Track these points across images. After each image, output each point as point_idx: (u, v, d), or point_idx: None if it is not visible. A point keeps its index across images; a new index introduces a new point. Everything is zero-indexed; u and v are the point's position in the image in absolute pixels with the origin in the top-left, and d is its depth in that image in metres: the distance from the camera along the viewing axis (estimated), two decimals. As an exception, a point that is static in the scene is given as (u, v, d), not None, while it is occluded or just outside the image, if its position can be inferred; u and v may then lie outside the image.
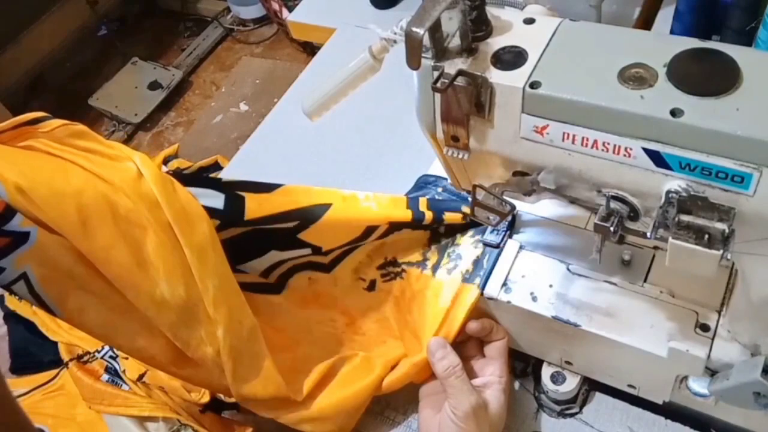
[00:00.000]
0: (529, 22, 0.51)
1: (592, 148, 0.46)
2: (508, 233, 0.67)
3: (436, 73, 0.49)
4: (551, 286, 0.62)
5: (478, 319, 0.64)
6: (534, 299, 0.62)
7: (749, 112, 0.41)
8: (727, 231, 0.43)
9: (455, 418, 0.59)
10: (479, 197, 0.57)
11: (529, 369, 0.70)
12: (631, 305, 0.60)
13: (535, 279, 0.63)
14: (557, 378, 0.65)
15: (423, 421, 0.64)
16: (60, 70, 2.38)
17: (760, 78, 0.42)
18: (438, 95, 0.51)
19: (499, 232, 0.66)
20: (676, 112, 0.42)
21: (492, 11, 0.51)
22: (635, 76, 0.44)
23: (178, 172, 1.19)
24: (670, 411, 0.64)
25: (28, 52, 2.23)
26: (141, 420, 0.76)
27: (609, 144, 0.45)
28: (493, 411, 0.61)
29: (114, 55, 2.38)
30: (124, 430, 0.76)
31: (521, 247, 0.66)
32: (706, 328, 0.56)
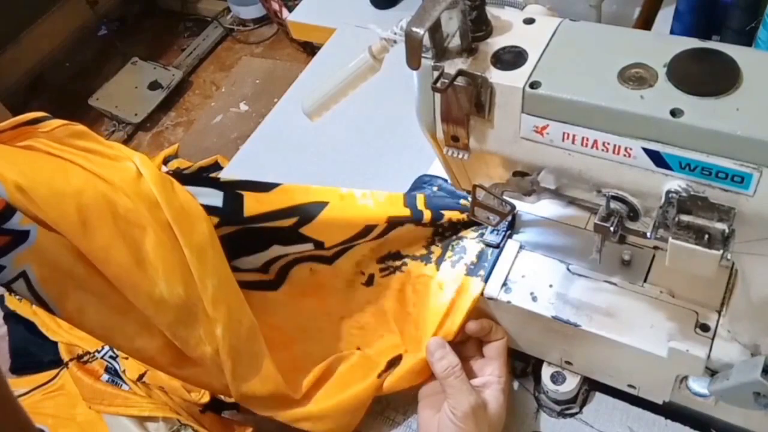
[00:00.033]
0: (529, 22, 0.51)
1: (592, 148, 0.46)
2: (508, 233, 0.67)
3: (436, 73, 0.49)
4: (551, 286, 0.62)
5: (477, 320, 0.65)
6: (534, 299, 0.62)
7: (749, 112, 0.41)
8: (727, 231, 0.43)
9: (454, 418, 0.59)
10: (479, 197, 0.57)
11: (529, 369, 0.70)
12: (631, 305, 0.60)
13: (535, 279, 0.63)
14: (557, 378, 0.65)
15: (422, 421, 0.64)
16: (60, 70, 2.38)
17: (760, 78, 0.42)
18: (438, 95, 0.51)
19: (499, 232, 0.67)
20: (676, 112, 0.42)
21: (492, 11, 0.51)
22: (635, 76, 0.44)
23: (177, 172, 1.19)
24: (670, 411, 0.64)
25: (28, 52, 2.23)
26: (141, 420, 0.76)
27: (609, 144, 0.45)
28: (492, 411, 0.61)
29: (114, 55, 2.38)
30: (124, 430, 0.76)
31: (521, 247, 0.66)
32: (706, 328, 0.56)
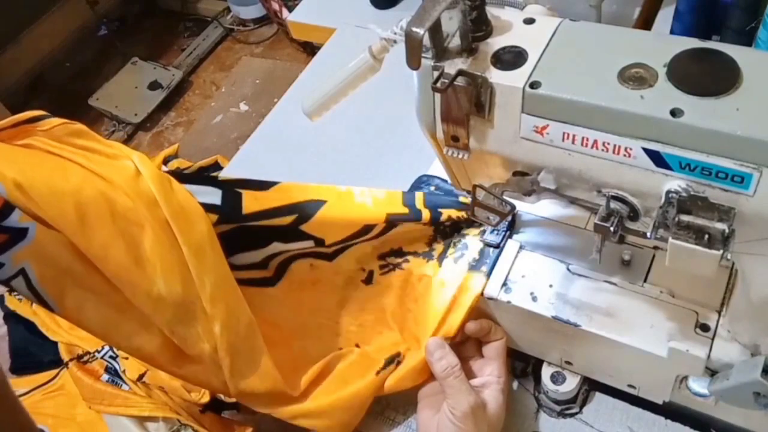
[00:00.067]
0: (529, 22, 0.51)
1: (592, 148, 0.46)
2: (508, 233, 0.67)
3: (436, 73, 0.49)
4: (551, 286, 0.62)
5: (476, 320, 0.65)
6: (534, 299, 0.62)
7: (749, 112, 0.41)
8: (727, 231, 0.43)
9: (454, 418, 0.59)
10: (479, 197, 0.57)
11: (529, 369, 0.70)
12: (631, 305, 0.60)
13: (535, 279, 0.63)
14: (557, 378, 0.65)
15: (422, 421, 0.64)
16: (60, 70, 2.38)
17: (760, 78, 0.42)
18: (438, 95, 0.51)
19: (499, 232, 0.66)
20: (676, 112, 0.42)
21: (492, 11, 0.51)
22: (635, 76, 0.44)
23: (176, 171, 1.19)
24: (670, 411, 0.64)
25: (28, 52, 2.23)
26: (141, 420, 0.76)
27: (609, 144, 0.45)
28: (492, 411, 0.61)
29: (114, 55, 2.38)
30: (124, 430, 0.76)
31: (521, 247, 0.66)
32: (706, 328, 0.56)
